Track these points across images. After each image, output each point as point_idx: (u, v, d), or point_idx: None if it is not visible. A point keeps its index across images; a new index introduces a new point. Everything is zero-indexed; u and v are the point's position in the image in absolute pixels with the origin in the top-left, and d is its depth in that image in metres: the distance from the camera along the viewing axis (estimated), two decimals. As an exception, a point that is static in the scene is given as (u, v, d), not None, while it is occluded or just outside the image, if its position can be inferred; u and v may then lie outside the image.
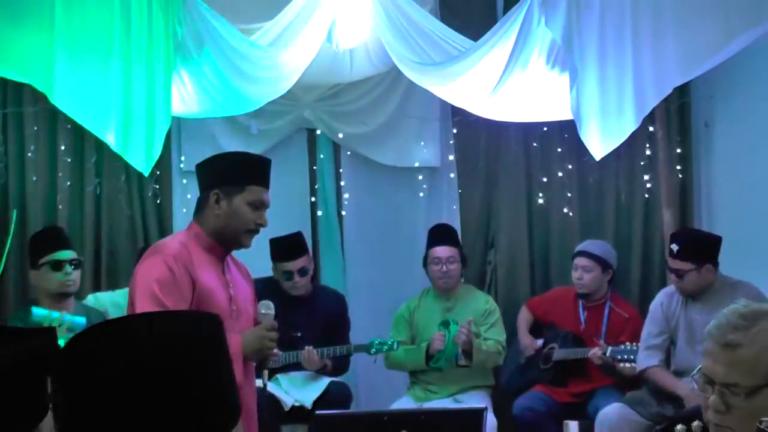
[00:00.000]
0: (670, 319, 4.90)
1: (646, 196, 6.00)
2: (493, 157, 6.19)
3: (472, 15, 5.90)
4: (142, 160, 4.61)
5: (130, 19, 4.52)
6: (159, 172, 5.77)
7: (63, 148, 5.78)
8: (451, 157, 6.20)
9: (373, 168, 6.21)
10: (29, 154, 5.74)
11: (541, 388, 5.37)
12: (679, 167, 5.87)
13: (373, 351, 5.29)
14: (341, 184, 6.21)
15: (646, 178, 5.96)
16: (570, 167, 6.07)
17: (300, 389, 5.26)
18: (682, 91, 5.72)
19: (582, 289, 5.38)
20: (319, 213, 6.17)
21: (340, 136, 6.13)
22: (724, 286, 4.72)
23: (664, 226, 5.60)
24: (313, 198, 6.19)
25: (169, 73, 4.57)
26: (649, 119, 5.25)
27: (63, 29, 4.41)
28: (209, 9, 4.69)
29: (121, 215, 5.85)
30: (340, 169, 6.23)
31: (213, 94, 4.96)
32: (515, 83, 4.82)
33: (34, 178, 5.75)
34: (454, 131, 6.20)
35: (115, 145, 4.61)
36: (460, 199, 6.20)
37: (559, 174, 6.10)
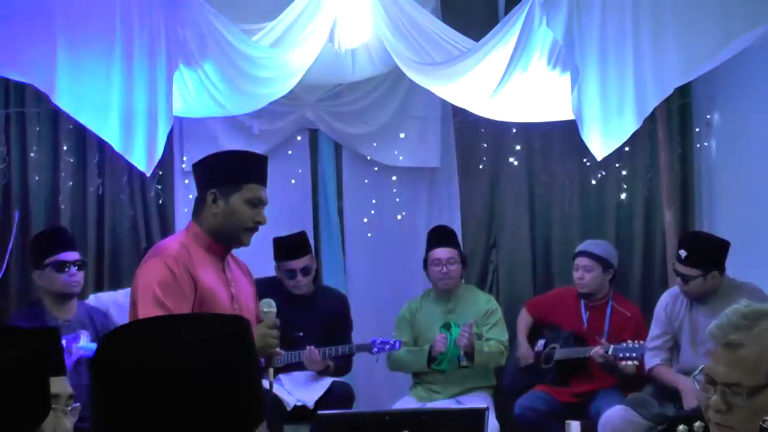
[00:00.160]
0: (674, 320, 4.90)
1: (647, 195, 6.00)
2: (495, 158, 6.19)
3: (473, 15, 5.90)
4: (144, 160, 4.62)
5: (131, 19, 4.53)
6: (161, 173, 5.79)
7: (65, 148, 5.79)
8: (453, 158, 6.20)
9: (375, 168, 6.22)
10: (32, 155, 5.75)
11: (542, 387, 5.35)
12: (680, 167, 5.89)
13: (374, 351, 5.29)
14: (343, 184, 6.22)
15: (647, 177, 5.96)
16: (571, 167, 6.08)
17: (302, 389, 5.26)
18: (683, 92, 5.72)
19: (583, 288, 5.38)
20: (321, 213, 6.17)
21: (342, 136, 6.14)
22: (729, 287, 4.70)
23: (665, 225, 5.60)
24: (314, 198, 6.19)
25: (171, 73, 4.58)
26: (650, 119, 5.24)
27: (65, 30, 4.42)
28: (211, 9, 4.70)
29: (124, 215, 5.86)
30: (342, 169, 6.24)
31: (215, 94, 4.96)
32: (516, 83, 4.82)
33: (37, 178, 5.76)
34: (456, 131, 6.20)
35: (117, 146, 4.62)
36: (461, 199, 6.19)
37: (560, 174, 6.11)
